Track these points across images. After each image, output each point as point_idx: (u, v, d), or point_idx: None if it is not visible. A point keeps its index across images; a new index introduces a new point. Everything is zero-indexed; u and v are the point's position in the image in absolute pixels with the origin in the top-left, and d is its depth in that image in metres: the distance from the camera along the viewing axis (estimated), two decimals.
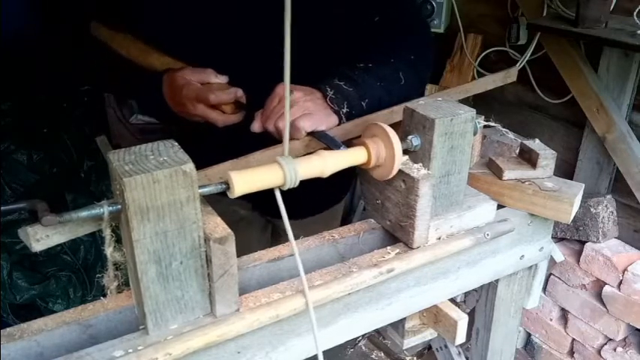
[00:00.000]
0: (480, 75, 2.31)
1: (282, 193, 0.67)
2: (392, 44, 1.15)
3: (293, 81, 0.63)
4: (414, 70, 1.13)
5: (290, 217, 0.65)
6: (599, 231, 1.96)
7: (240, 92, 1.05)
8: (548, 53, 2.00)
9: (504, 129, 0.99)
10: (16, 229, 0.61)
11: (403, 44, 1.16)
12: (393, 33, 1.17)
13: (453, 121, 0.77)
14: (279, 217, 0.65)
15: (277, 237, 1.56)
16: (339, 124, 0.99)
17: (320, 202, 1.48)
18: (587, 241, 1.99)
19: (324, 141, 0.92)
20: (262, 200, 0.75)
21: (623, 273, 1.89)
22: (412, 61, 1.14)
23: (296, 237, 0.79)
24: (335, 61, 1.08)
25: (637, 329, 1.94)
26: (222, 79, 1.07)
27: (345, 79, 1.03)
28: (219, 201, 0.69)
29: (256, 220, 1.49)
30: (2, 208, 0.59)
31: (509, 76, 1.20)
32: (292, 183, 0.67)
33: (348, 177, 1.54)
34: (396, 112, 0.98)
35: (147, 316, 0.62)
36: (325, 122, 0.96)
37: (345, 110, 0.99)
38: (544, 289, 2.15)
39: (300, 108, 0.95)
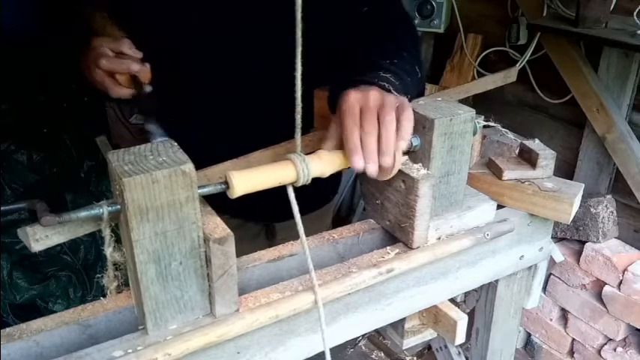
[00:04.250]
0: (480, 75, 2.31)
1: (275, 195, 0.66)
2: (399, 39, 1.13)
3: (288, 81, 0.62)
4: (421, 64, 1.12)
5: (284, 219, 0.65)
6: (599, 231, 1.96)
7: (135, 67, 1.01)
8: (548, 53, 2.00)
9: (504, 129, 0.99)
10: (16, 229, 0.61)
11: (406, 39, 1.15)
12: (388, 27, 1.16)
13: (453, 121, 0.77)
14: (275, 220, 0.65)
15: (272, 239, 1.56)
16: None
17: (310, 204, 1.48)
18: (587, 241, 1.99)
19: None
20: (256, 208, 0.74)
21: (623, 273, 1.89)
22: (417, 56, 1.12)
23: (292, 238, 0.79)
24: (328, 59, 1.07)
25: (637, 329, 1.94)
26: (136, 54, 1.03)
27: (390, 72, 0.91)
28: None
29: (250, 228, 1.48)
30: (2, 208, 0.59)
31: (509, 76, 1.21)
32: (305, 179, 0.66)
33: (336, 178, 1.53)
34: None
35: (146, 317, 0.62)
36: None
37: None
38: (544, 289, 2.15)
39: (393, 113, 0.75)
